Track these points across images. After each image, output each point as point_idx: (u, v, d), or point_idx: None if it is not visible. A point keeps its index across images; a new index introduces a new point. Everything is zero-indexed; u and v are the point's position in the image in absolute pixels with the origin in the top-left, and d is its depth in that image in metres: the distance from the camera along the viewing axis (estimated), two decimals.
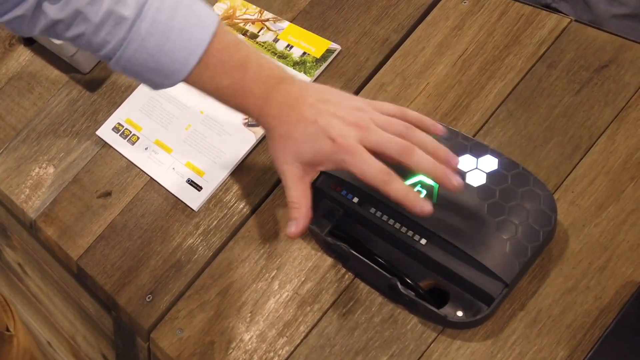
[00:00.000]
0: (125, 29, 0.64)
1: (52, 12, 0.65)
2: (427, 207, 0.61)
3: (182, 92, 0.91)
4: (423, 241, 0.67)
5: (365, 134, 0.63)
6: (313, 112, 0.65)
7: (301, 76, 0.86)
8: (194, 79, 0.67)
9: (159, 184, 0.87)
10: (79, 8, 0.65)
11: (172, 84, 0.68)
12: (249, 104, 0.68)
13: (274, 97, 0.67)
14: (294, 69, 0.87)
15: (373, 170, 0.62)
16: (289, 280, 0.74)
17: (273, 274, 0.75)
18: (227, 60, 0.66)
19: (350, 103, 0.67)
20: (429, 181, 0.68)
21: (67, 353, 1.23)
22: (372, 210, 0.70)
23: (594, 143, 0.70)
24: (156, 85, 0.69)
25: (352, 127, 0.64)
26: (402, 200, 0.62)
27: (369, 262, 0.68)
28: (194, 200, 0.83)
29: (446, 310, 0.65)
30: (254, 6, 0.96)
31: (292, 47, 0.89)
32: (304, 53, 0.88)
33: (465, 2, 0.83)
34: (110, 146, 0.92)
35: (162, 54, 0.65)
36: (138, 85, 0.96)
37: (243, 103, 0.68)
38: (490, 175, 0.67)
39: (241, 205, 0.81)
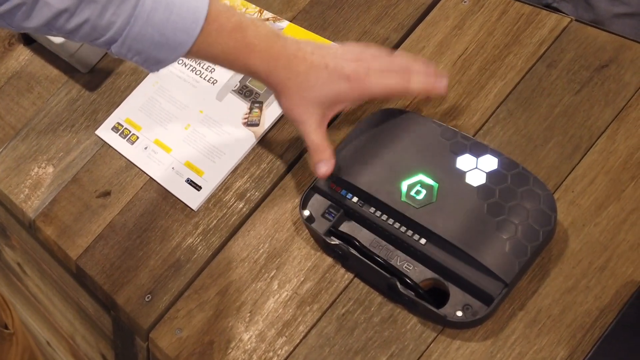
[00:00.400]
0: (131, 5, 0.64)
1: (56, 1, 0.63)
2: (444, 83, 0.73)
3: (181, 91, 0.91)
4: (423, 241, 0.67)
5: (371, 64, 0.71)
6: (319, 59, 0.70)
7: None
8: (198, 48, 0.68)
9: (158, 183, 0.86)
10: None
11: (176, 57, 0.69)
12: (256, 60, 0.70)
13: (278, 50, 0.70)
14: None
15: (393, 81, 0.71)
16: (288, 280, 0.74)
17: (272, 273, 0.75)
18: (226, 24, 0.68)
19: (344, 46, 0.74)
20: (429, 181, 0.68)
21: (66, 353, 1.23)
22: (372, 209, 0.70)
23: (594, 143, 0.70)
24: (160, 62, 0.69)
25: (357, 62, 0.71)
26: (426, 90, 0.73)
27: (368, 261, 0.68)
28: (193, 199, 0.83)
29: (446, 310, 0.65)
30: (254, 5, 0.96)
31: None
32: None
33: (465, 2, 0.83)
34: (110, 146, 0.92)
35: (167, 27, 0.66)
36: (137, 85, 0.96)
37: (250, 61, 0.70)
38: (490, 175, 0.67)
39: (240, 205, 0.81)
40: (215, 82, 0.91)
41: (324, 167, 0.71)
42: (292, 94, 0.71)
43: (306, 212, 0.74)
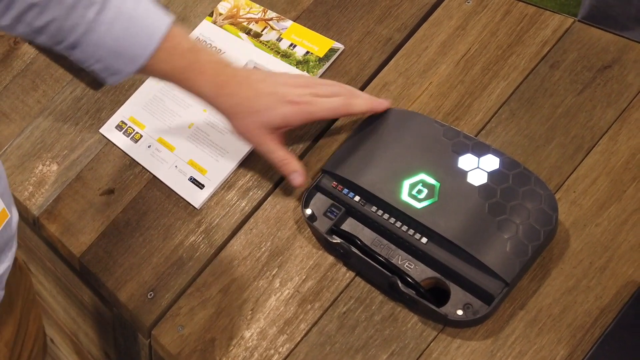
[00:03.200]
0: (95, 11, 0.68)
1: None
2: (387, 102, 0.76)
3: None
4: (424, 240, 0.67)
5: (316, 90, 0.76)
6: (267, 86, 0.75)
7: (304, 75, 0.87)
8: (152, 62, 0.72)
9: (161, 181, 0.87)
10: None
11: (133, 69, 0.72)
12: (204, 83, 0.74)
13: (227, 76, 0.74)
14: (297, 68, 0.87)
15: (336, 104, 0.75)
16: (290, 278, 0.74)
17: (274, 272, 0.75)
18: (180, 44, 0.73)
19: (290, 75, 0.78)
20: (431, 180, 0.68)
21: (70, 350, 1.23)
22: (374, 208, 0.71)
23: (596, 143, 0.70)
24: (117, 72, 0.72)
25: (303, 87, 0.75)
26: (370, 109, 0.76)
27: (369, 260, 0.68)
28: (196, 198, 0.84)
29: (446, 309, 0.65)
30: (258, 5, 0.96)
31: (295, 46, 0.89)
32: (307, 52, 0.88)
33: (468, 2, 0.83)
34: (114, 144, 0.93)
35: (126, 38, 0.70)
36: (141, 83, 0.96)
37: (198, 83, 0.74)
38: (491, 175, 0.67)
39: (243, 204, 0.81)
40: None
41: (299, 177, 0.76)
42: (241, 119, 0.75)
43: (308, 211, 0.74)
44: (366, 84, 0.83)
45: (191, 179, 0.85)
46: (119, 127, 0.93)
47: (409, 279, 0.66)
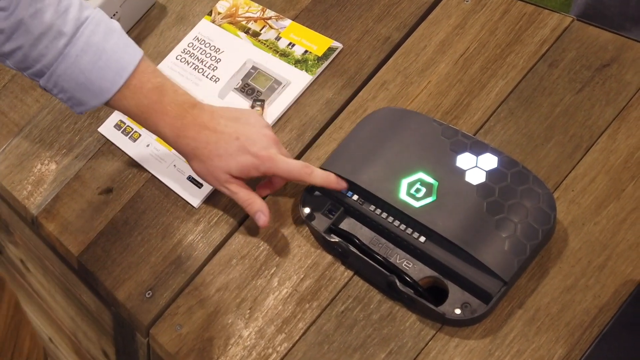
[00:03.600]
0: (62, 43, 0.68)
1: None
2: (344, 183, 0.72)
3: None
4: (422, 239, 0.67)
5: (279, 147, 0.74)
6: (231, 131, 0.72)
7: (302, 75, 0.86)
8: (117, 98, 0.72)
9: (159, 180, 0.87)
10: (22, 19, 0.67)
11: (98, 103, 0.72)
12: (165, 124, 0.73)
13: (189, 120, 0.73)
14: (295, 67, 0.87)
15: (296, 168, 0.72)
16: (288, 277, 0.74)
17: (272, 271, 0.75)
18: (146, 82, 0.72)
19: (258, 124, 0.75)
20: (429, 179, 0.68)
21: (69, 349, 1.23)
22: (372, 207, 0.70)
23: (595, 142, 0.70)
24: (81, 104, 0.72)
25: (268, 140, 0.73)
26: (324, 184, 0.72)
27: (367, 259, 0.68)
28: (195, 197, 0.83)
29: (444, 308, 0.65)
30: (257, 4, 0.96)
31: (294, 45, 0.89)
32: (306, 51, 0.88)
33: (467, 1, 0.83)
34: (112, 143, 0.93)
35: (93, 72, 0.70)
36: None
37: (160, 123, 0.73)
38: (489, 174, 0.67)
39: None
40: (217, 80, 0.91)
41: (262, 216, 0.73)
42: (201, 162, 0.73)
43: (306, 210, 0.74)
44: (365, 83, 0.83)
45: (189, 178, 0.85)
46: (118, 126, 0.93)
47: (407, 278, 0.66)
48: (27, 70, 0.71)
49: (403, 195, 0.68)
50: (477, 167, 0.67)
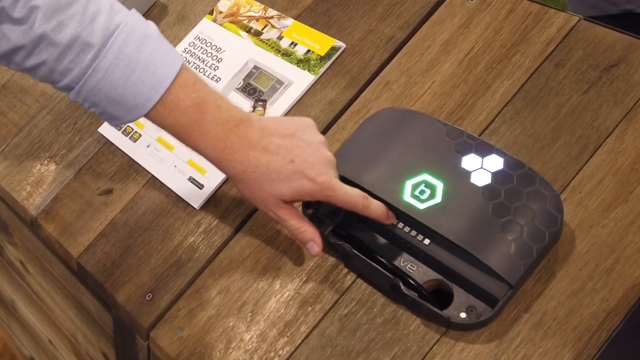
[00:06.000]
0: (90, 57, 0.62)
1: (15, 36, 0.62)
2: (394, 218, 0.68)
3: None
4: (427, 241, 0.66)
5: (334, 168, 0.68)
6: (284, 152, 0.66)
7: (304, 75, 0.85)
8: (152, 115, 0.66)
9: (160, 181, 0.86)
10: (44, 33, 0.62)
11: (133, 119, 0.66)
12: (207, 146, 0.66)
13: (234, 140, 0.66)
14: (297, 66, 0.86)
15: (354, 199, 0.66)
16: (291, 279, 0.73)
17: (274, 273, 0.74)
18: (184, 99, 0.65)
19: (315, 136, 0.68)
20: (433, 181, 0.67)
21: (68, 351, 1.22)
22: None
23: (602, 143, 0.69)
24: (116, 118, 0.67)
25: (326, 162, 0.67)
26: (378, 219, 0.68)
27: (371, 262, 0.67)
28: (196, 198, 0.83)
29: (449, 312, 0.64)
30: (258, 3, 0.95)
31: (296, 44, 0.88)
32: (308, 51, 0.87)
33: (472, 0, 0.82)
34: (112, 143, 0.92)
35: (126, 87, 0.63)
36: None
37: (201, 144, 0.66)
38: (495, 175, 0.66)
39: (243, 204, 0.80)
40: (218, 80, 0.90)
41: (315, 247, 0.69)
42: (249, 186, 0.67)
43: (309, 212, 0.73)
44: (368, 83, 0.82)
45: (190, 179, 0.84)
46: (118, 126, 0.92)
47: (412, 281, 0.65)
48: (55, 85, 0.66)
49: (407, 196, 0.67)
50: (482, 169, 0.66)
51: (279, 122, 0.68)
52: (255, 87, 0.87)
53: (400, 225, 0.68)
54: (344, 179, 0.71)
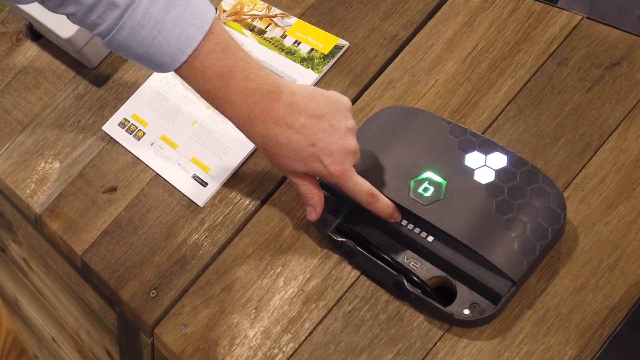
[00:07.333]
0: (116, 15, 0.62)
1: None
2: (399, 216, 0.69)
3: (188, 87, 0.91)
4: (430, 238, 0.67)
5: (356, 156, 0.68)
6: (308, 134, 0.66)
7: (308, 73, 0.86)
8: (179, 74, 0.66)
9: (164, 179, 0.86)
10: None
11: (164, 72, 0.66)
12: (230, 114, 0.67)
13: (258, 113, 0.65)
14: (301, 65, 0.87)
15: (362, 194, 0.68)
16: (295, 276, 0.73)
17: (278, 270, 0.74)
18: (210, 66, 0.64)
19: (343, 122, 0.67)
20: (437, 178, 0.67)
21: (72, 349, 1.23)
22: None
23: (605, 141, 0.69)
24: (151, 69, 0.67)
25: (346, 151, 0.67)
26: (385, 217, 0.69)
27: (375, 259, 0.68)
28: (200, 196, 0.83)
29: (453, 308, 0.64)
30: (262, 2, 0.95)
31: (299, 43, 0.89)
32: (312, 49, 0.87)
33: None
34: (116, 141, 0.92)
35: (152, 46, 0.63)
36: (144, 81, 0.95)
37: (225, 111, 0.67)
38: (499, 173, 0.66)
39: (247, 202, 0.80)
40: None
41: (313, 213, 0.71)
42: (269, 153, 0.68)
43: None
44: (371, 81, 0.83)
45: (194, 176, 0.84)
46: (122, 124, 0.93)
47: (415, 278, 0.66)
48: (90, 31, 0.65)
49: (411, 194, 0.67)
50: (486, 166, 0.67)
51: (312, 99, 0.67)
52: None
53: (404, 222, 0.68)
54: None
